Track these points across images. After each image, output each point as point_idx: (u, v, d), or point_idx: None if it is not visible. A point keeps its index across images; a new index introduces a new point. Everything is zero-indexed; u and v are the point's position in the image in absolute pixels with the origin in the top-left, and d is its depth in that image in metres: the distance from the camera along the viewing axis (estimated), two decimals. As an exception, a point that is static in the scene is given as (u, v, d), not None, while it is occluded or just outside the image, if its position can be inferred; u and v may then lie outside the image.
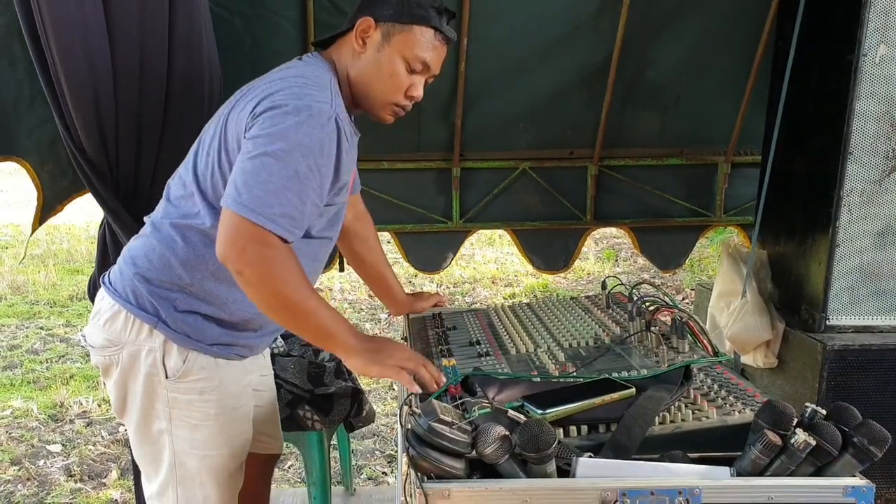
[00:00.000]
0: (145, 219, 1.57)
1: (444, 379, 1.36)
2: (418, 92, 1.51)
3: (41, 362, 4.54)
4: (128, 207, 1.96)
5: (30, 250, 7.17)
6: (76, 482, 3.14)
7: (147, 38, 1.85)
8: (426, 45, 1.47)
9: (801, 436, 1.05)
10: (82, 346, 1.60)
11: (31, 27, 1.80)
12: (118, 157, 1.93)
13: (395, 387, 4.09)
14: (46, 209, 2.39)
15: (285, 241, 1.33)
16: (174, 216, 1.49)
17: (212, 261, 1.45)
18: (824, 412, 1.12)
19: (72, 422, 3.74)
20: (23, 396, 4.02)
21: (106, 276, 1.57)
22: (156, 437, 1.54)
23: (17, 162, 2.31)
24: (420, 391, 1.32)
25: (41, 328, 5.14)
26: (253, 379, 1.68)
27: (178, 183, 1.52)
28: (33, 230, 2.41)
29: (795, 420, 1.08)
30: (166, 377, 1.48)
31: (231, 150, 1.41)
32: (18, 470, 3.24)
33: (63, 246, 7.32)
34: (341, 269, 2.58)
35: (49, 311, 5.51)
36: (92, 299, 1.68)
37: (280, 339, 2.38)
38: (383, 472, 3.25)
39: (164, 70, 1.90)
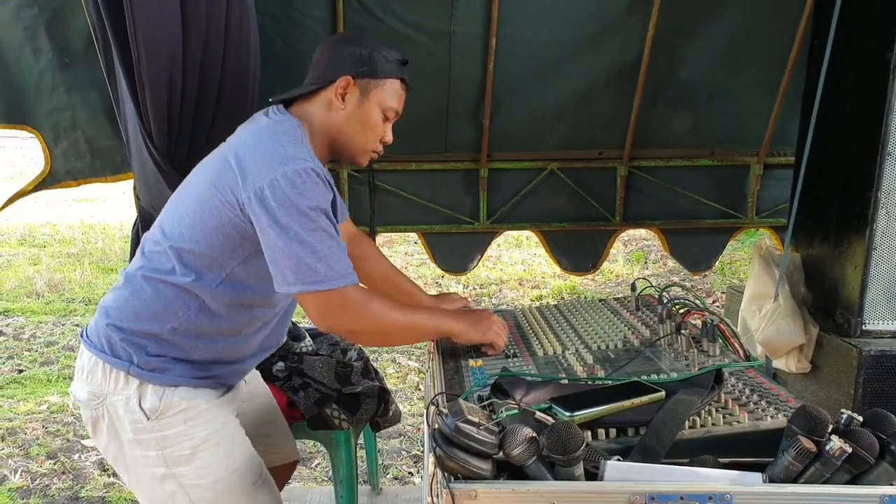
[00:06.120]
0: (121, 271, 1.62)
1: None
2: (390, 137, 1.64)
3: (76, 359, 4.63)
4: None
5: (66, 249, 7.35)
6: (109, 476, 3.20)
7: (211, 30, 1.91)
8: (397, 95, 1.61)
9: (836, 443, 1.02)
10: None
11: (111, 21, 1.88)
12: (177, 145, 1.98)
13: (420, 387, 4.10)
14: (49, 181, 2.49)
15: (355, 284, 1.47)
16: (146, 269, 1.53)
17: (181, 311, 1.52)
18: (860, 419, 1.09)
19: (105, 417, 3.81)
20: (59, 392, 4.11)
21: (84, 331, 1.63)
22: (161, 485, 1.55)
23: (29, 131, 2.42)
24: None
25: (77, 325, 5.25)
26: (236, 398, 1.71)
27: (152, 238, 1.56)
28: (23, 193, 2.47)
29: (830, 426, 1.06)
30: (147, 419, 1.51)
31: (221, 215, 1.46)
32: (54, 464, 3.32)
33: (98, 245, 7.48)
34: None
35: (84, 309, 5.62)
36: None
37: (308, 339, 2.39)
38: (409, 473, 3.25)
39: (219, 61, 1.96)
